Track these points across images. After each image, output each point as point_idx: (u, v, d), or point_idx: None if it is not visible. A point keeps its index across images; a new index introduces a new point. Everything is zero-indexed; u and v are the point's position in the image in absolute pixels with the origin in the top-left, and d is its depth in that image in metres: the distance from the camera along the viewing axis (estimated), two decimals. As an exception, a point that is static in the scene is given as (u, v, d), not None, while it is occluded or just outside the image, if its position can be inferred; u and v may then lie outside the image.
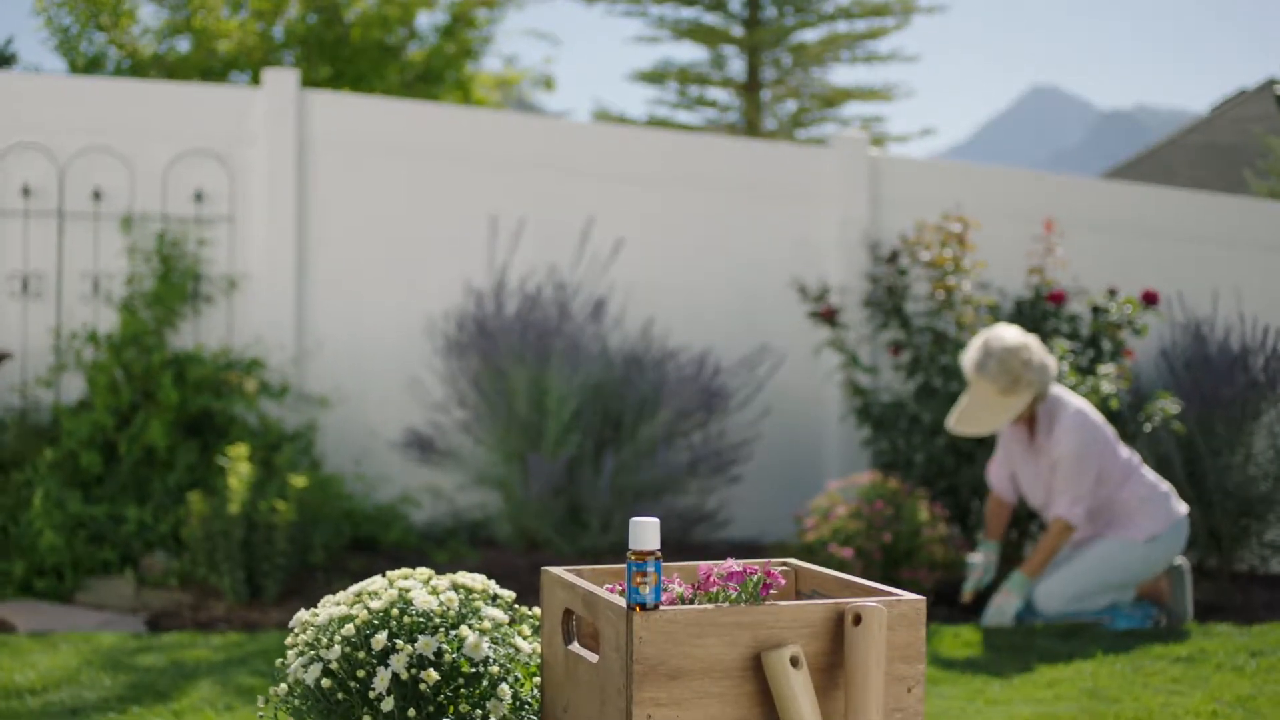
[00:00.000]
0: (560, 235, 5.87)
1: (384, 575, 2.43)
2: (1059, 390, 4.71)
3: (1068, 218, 6.01)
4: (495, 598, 2.43)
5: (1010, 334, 4.63)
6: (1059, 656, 4.21)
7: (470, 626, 2.30)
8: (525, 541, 5.46)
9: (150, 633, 4.50)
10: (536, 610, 2.41)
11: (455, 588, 2.38)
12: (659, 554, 1.98)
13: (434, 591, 2.34)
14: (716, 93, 16.31)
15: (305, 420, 5.62)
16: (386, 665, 2.24)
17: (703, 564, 2.08)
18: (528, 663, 2.34)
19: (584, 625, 2.26)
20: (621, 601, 2.01)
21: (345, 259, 5.84)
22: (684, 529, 5.43)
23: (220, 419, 5.38)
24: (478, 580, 2.41)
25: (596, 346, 5.51)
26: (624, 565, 2.03)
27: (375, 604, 2.30)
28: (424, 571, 2.42)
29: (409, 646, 2.24)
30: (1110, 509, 4.70)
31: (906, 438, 5.47)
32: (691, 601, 2.10)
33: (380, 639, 2.25)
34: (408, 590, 2.33)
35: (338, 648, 2.25)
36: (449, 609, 2.31)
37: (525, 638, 2.37)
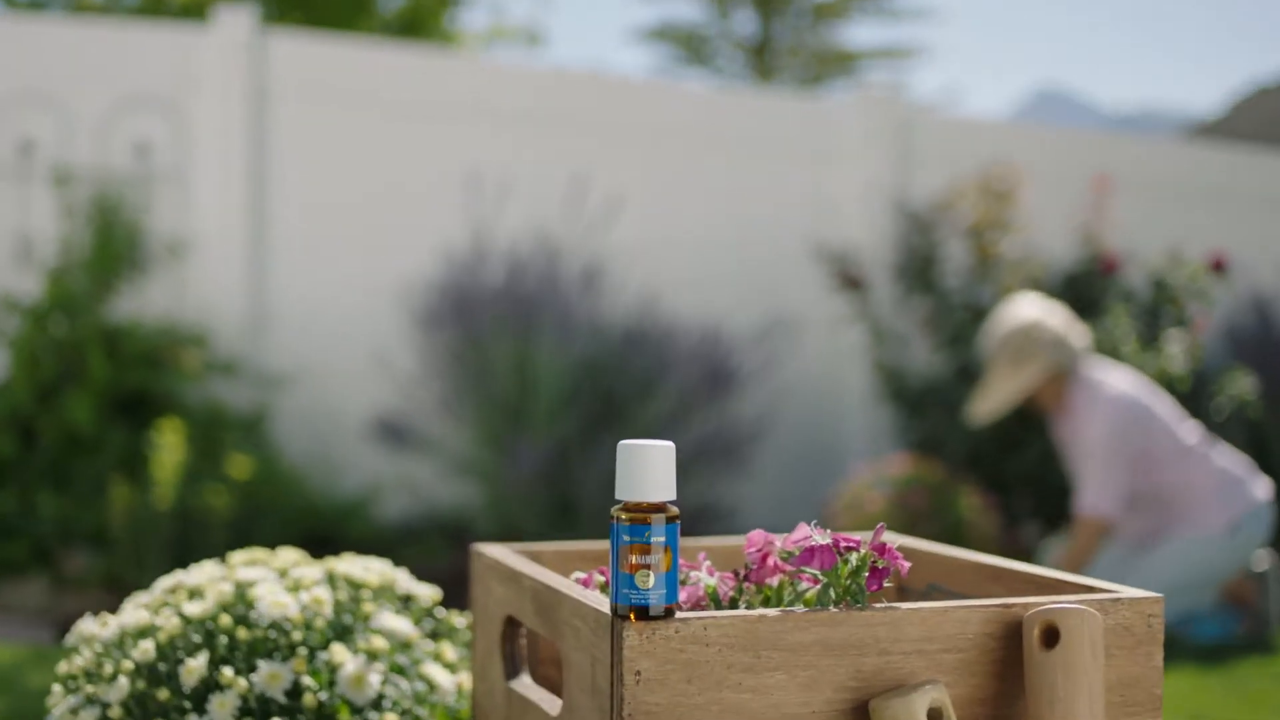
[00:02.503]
0: (551, 195, 4.85)
1: (223, 559, 1.41)
2: (1098, 373, 3.74)
3: (1120, 180, 4.99)
4: (408, 600, 1.40)
5: (1025, 309, 3.78)
6: (1141, 673, 3.23)
7: (352, 646, 1.27)
8: (509, 537, 4.43)
9: (58, 644, 3.48)
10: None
11: (333, 581, 1.34)
12: (675, 512, 0.96)
13: (295, 587, 1.31)
14: (724, 54, 14.65)
15: (260, 400, 4.58)
16: (204, 712, 1.21)
17: (755, 534, 1.05)
18: (451, 706, 1.30)
19: (540, 645, 1.24)
20: (601, 602, 0.99)
21: (309, 220, 4.80)
22: (689, 524, 4.42)
23: (161, 399, 4.35)
24: (373, 570, 1.37)
25: (591, 318, 4.53)
26: (608, 544, 0.99)
27: (194, 608, 1.27)
28: (290, 554, 1.39)
29: (241, 680, 1.21)
30: (1177, 498, 3.73)
31: (948, 421, 4.44)
32: (734, 604, 1.07)
33: (195, 667, 1.22)
34: (250, 585, 1.30)
35: (124, 681, 1.22)
36: (317, 615, 1.27)
37: (448, 664, 1.33)
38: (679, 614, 0.95)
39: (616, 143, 5.10)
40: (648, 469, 0.94)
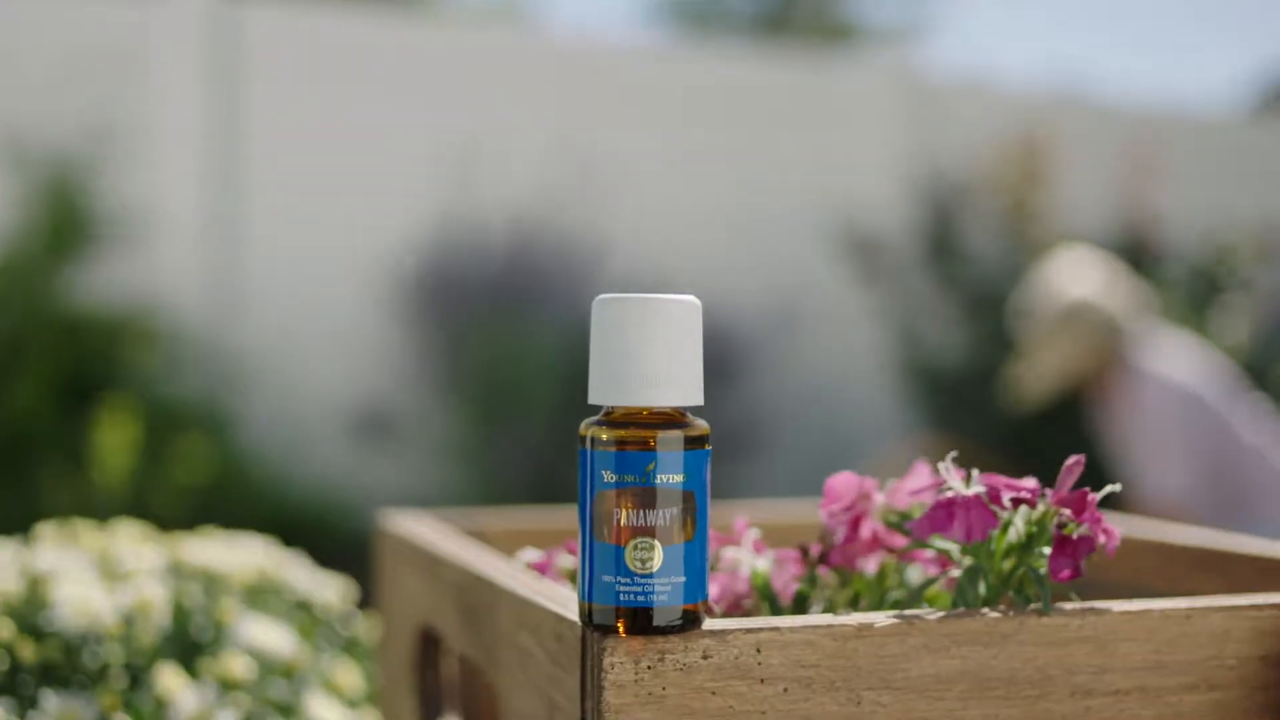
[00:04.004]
0: (547, 171, 4.41)
1: (24, 539, 0.96)
2: (1154, 357, 3.28)
3: (1159, 157, 4.54)
4: (304, 606, 0.94)
5: (1076, 280, 3.29)
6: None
7: (199, 669, 0.82)
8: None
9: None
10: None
11: (182, 574, 0.89)
12: (704, 429, 0.50)
13: (115, 580, 0.86)
14: (731, 31, 13.87)
15: (227, 389, 4.12)
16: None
17: (840, 480, 0.60)
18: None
19: (477, 669, 0.79)
20: (567, 602, 0.53)
21: (282, 196, 4.35)
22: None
23: (116, 388, 3.90)
24: (247, 559, 0.92)
25: (587, 301, 4.09)
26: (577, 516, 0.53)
27: (-41, 612, 0.82)
28: (129, 531, 0.94)
29: (11, 727, 0.76)
30: (1231, 500, 3.26)
31: (978, 408, 3.98)
32: (802, 604, 0.61)
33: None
34: (50, 578, 0.84)
35: None
36: (141, 620, 0.82)
37: (345, 698, 0.87)
38: (709, 623, 0.50)
39: (618, 116, 4.66)
40: (652, 346, 0.48)
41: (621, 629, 0.48)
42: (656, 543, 0.48)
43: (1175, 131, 5.19)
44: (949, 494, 0.54)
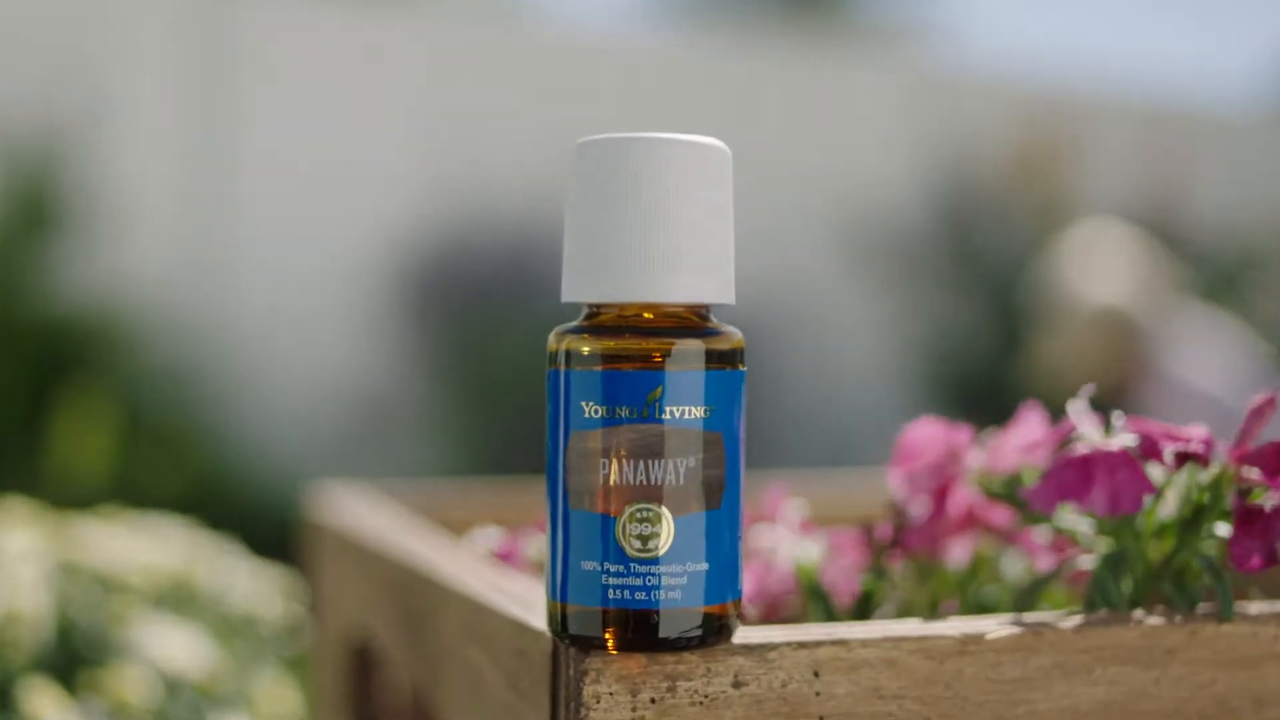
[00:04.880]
0: (543, 162, 4.30)
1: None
2: (1173, 365, 3.13)
3: (1185, 153, 4.44)
4: (237, 612, 0.78)
5: (1101, 286, 3.16)
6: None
7: (81, 685, 0.66)
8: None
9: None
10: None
11: (73, 570, 0.73)
12: (736, 340, 0.34)
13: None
14: (740, 24, 13.70)
15: (211, 379, 3.99)
16: None
17: (920, 431, 0.43)
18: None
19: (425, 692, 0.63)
20: (527, 604, 0.37)
21: (271, 178, 4.23)
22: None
23: (92, 381, 3.76)
24: (160, 552, 0.76)
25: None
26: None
27: None
28: (10, 513, 0.78)
29: None
30: None
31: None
32: (866, 605, 0.44)
33: None
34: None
35: None
36: (12, 628, 0.66)
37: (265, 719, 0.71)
38: (742, 633, 0.34)
39: (621, 111, 4.56)
40: (659, 212, 0.32)
41: (611, 642, 0.32)
42: (665, 511, 0.32)
43: (1195, 128, 5.09)
44: (1083, 447, 0.38)
